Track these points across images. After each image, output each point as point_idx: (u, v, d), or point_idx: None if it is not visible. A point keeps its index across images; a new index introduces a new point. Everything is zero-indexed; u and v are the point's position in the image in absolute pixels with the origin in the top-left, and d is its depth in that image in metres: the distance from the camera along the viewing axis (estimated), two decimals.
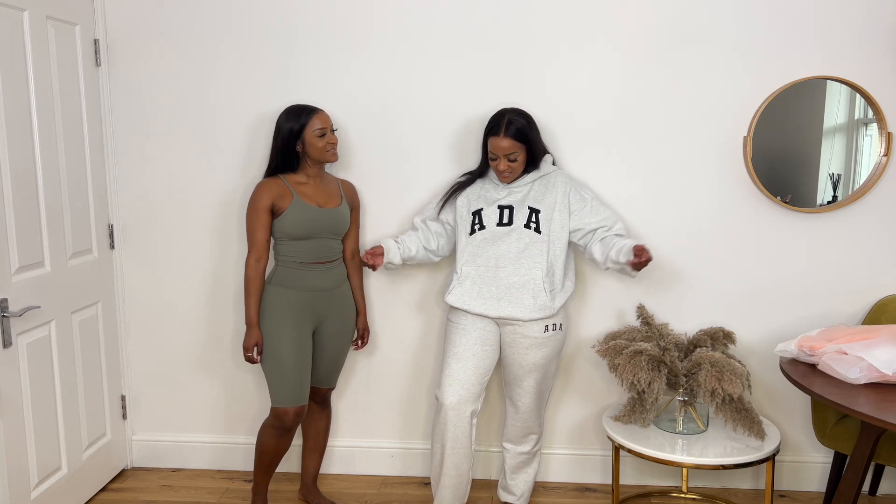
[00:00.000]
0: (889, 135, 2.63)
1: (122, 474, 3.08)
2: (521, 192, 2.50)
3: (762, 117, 2.66)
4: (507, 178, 2.48)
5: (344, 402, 3.04)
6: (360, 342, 2.77)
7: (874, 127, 2.65)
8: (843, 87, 2.63)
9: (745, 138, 2.70)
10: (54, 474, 2.61)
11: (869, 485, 2.83)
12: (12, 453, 2.38)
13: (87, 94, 2.77)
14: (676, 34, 2.68)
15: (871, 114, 2.64)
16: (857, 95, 2.63)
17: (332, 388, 2.73)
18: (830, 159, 2.68)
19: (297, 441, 3.06)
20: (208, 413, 3.10)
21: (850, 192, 2.69)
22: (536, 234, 2.45)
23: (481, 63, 2.75)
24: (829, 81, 2.63)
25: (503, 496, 2.76)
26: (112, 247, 2.98)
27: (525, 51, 2.73)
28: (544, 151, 2.56)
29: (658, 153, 2.76)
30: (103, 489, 2.95)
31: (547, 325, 2.50)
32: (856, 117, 2.65)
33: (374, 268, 2.52)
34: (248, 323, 2.48)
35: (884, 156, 2.64)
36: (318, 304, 2.54)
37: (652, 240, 2.80)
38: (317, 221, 2.48)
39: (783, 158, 2.69)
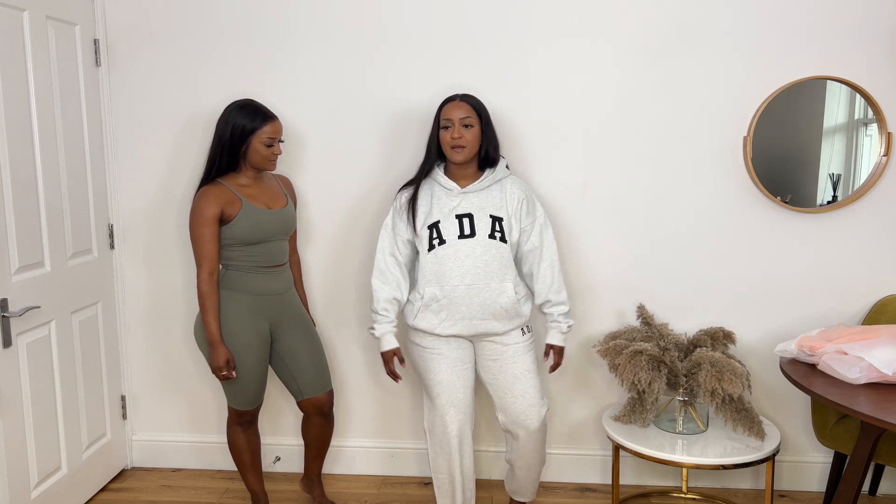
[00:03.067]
0: (889, 135, 2.63)
1: (122, 474, 3.08)
2: (478, 198, 2.34)
3: (762, 117, 2.66)
4: (461, 154, 2.29)
5: (344, 403, 3.04)
6: None
7: (874, 127, 2.65)
8: (843, 87, 2.63)
9: (745, 138, 2.70)
10: (54, 474, 2.62)
11: (869, 485, 2.83)
12: (12, 453, 2.38)
13: (87, 94, 2.77)
14: (676, 34, 2.68)
15: (871, 114, 2.64)
16: (857, 95, 2.63)
17: (332, 394, 2.62)
18: (830, 159, 2.68)
19: (299, 442, 3.06)
20: (208, 413, 3.10)
21: (850, 192, 2.69)
22: (502, 244, 2.32)
23: (476, 62, 2.75)
24: (829, 81, 2.63)
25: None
26: (112, 247, 2.98)
27: (524, 51, 2.73)
28: (498, 151, 2.42)
29: (658, 153, 2.76)
30: (103, 489, 2.96)
31: (522, 329, 2.43)
32: (856, 117, 2.65)
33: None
34: (211, 340, 2.35)
35: (884, 156, 2.64)
36: (270, 307, 2.48)
37: (652, 239, 2.80)
38: (269, 224, 2.41)
39: (783, 158, 2.69)
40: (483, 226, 2.31)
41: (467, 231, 2.31)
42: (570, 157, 2.78)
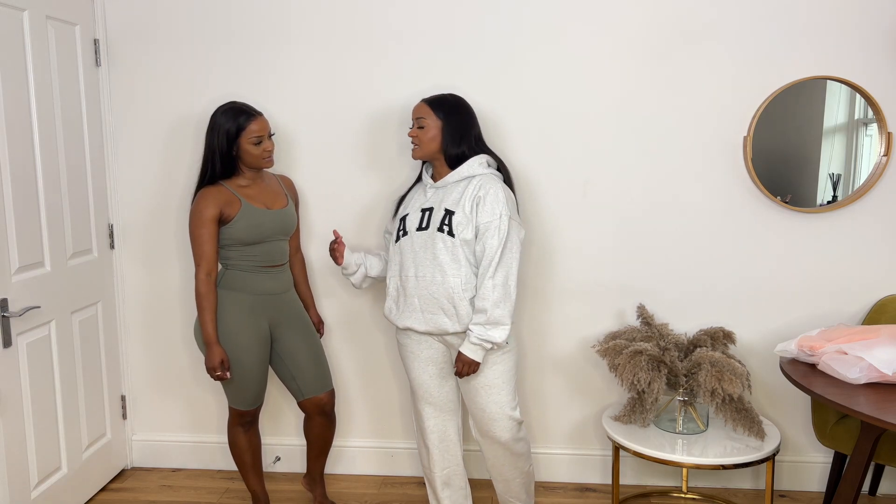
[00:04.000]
0: (889, 135, 2.63)
1: (122, 474, 3.08)
2: (444, 193, 2.32)
3: (762, 117, 2.66)
4: (414, 151, 2.34)
5: (344, 403, 3.04)
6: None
7: (874, 127, 2.65)
8: (843, 87, 2.63)
9: (745, 138, 2.70)
10: (54, 474, 2.61)
11: (869, 485, 2.83)
12: (12, 453, 2.38)
13: (87, 94, 2.77)
14: (677, 34, 2.68)
15: (871, 114, 2.63)
16: (857, 95, 2.63)
17: (332, 393, 2.62)
18: (830, 159, 2.68)
19: (299, 442, 3.06)
20: (208, 413, 3.10)
21: (850, 192, 2.69)
22: (450, 238, 2.26)
23: (478, 63, 2.75)
24: (829, 81, 2.63)
25: None
26: (112, 247, 2.98)
27: (522, 50, 2.73)
28: (474, 149, 2.34)
29: (658, 153, 2.76)
30: (103, 489, 2.95)
31: None
32: (856, 117, 2.65)
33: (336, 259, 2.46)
34: (207, 341, 2.35)
35: (884, 156, 2.64)
36: (270, 307, 2.48)
37: (652, 239, 2.80)
38: (268, 224, 2.42)
39: (783, 158, 2.69)
40: (436, 219, 2.30)
41: (424, 224, 2.32)
42: (571, 157, 2.78)
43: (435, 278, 2.28)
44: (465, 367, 2.27)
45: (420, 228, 2.31)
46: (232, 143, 2.36)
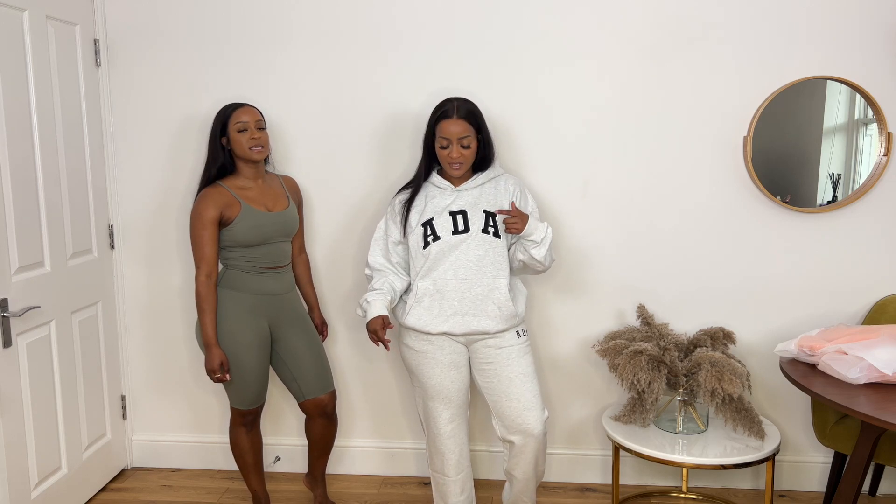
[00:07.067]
0: (889, 135, 2.63)
1: (122, 474, 3.09)
2: (472, 195, 2.34)
3: (762, 117, 2.66)
4: (459, 170, 2.30)
5: (344, 403, 3.04)
6: (321, 336, 2.74)
7: (874, 127, 2.65)
8: (843, 87, 2.63)
9: (745, 138, 2.70)
10: (54, 474, 2.62)
11: (869, 485, 2.83)
12: (12, 453, 2.38)
13: (87, 94, 2.77)
14: (677, 34, 2.68)
15: (871, 114, 2.64)
16: (857, 95, 2.63)
17: (334, 394, 2.61)
18: (830, 159, 2.68)
19: (300, 442, 3.06)
20: (208, 413, 3.10)
21: (850, 192, 2.69)
22: (496, 239, 2.31)
23: (476, 65, 2.75)
24: (829, 81, 2.63)
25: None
26: (112, 247, 2.98)
27: (521, 49, 2.73)
28: (493, 153, 2.42)
29: (658, 153, 2.76)
30: (103, 489, 2.96)
31: (517, 331, 2.37)
32: (856, 117, 2.65)
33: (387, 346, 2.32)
34: (206, 343, 2.35)
35: (884, 156, 2.64)
36: (270, 307, 2.48)
37: (652, 239, 2.80)
38: (269, 227, 2.42)
39: (783, 158, 2.69)
40: (477, 221, 2.31)
41: (461, 227, 2.31)
42: (571, 157, 2.78)
43: (482, 280, 2.30)
44: (520, 220, 2.23)
45: (457, 232, 2.30)
46: (222, 134, 2.40)
